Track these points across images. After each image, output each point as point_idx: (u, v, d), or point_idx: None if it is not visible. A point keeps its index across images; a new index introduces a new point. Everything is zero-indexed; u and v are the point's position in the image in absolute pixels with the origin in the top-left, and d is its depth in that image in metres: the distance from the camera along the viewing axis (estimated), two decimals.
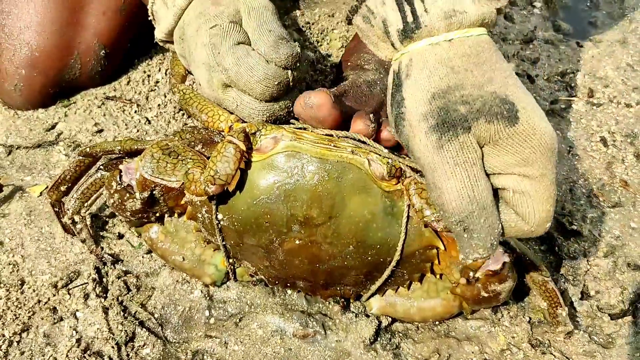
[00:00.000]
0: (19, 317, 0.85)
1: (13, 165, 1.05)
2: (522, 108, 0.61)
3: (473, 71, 0.62)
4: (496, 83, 0.62)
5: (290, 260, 0.79)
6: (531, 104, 0.63)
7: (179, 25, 0.85)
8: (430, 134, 0.62)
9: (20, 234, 0.95)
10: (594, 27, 1.38)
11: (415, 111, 0.64)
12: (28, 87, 1.09)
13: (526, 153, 0.61)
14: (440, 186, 0.63)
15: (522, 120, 0.61)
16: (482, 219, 0.63)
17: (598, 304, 0.91)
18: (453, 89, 0.62)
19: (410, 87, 0.65)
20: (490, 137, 0.61)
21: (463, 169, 0.61)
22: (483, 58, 0.63)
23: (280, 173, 0.73)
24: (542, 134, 0.61)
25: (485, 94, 0.62)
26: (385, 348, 0.86)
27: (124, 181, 0.80)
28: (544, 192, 0.63)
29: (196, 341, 0.86)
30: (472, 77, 0.62)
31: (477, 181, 0.62)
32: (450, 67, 0.63)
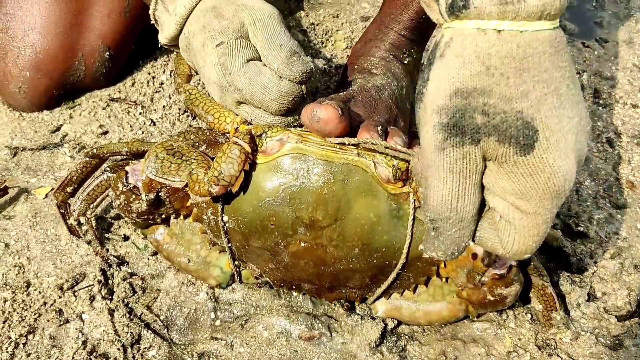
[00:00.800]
0: (25, 319, 0.85)
1: (18, 167, 1.06)
2: (544, 138, 0.55)
3: (509, 78, 0.54)
4: (529, 100, 0.55)
5: (295, 262, 0.78)
6: (559, 136, 0.55)
7: (184, 33, 0.84)
8: (437, 131, 0.58)
9: (25, 236, 0.96)
10: (600, 27, 1.37)
11: (434, 99, 0.58)
12: (33, 89, 1.10)
13: (527, 187, 0.57)
14: (429, 183, 0.60)
15: (535, 153, 0.55)
16: (454, 229, 0.61)
17: (605, 305, 0.90)
18: (479, 92, 0.55)
19: (439, 70, 0.58)
20: (497, 157, 0.57)
21: (456, 179, 0.58)
22: (529, 64, 0.55)
23: (286, 175, 0.73)
24: (552, 174, 0.55)
25: (509, 110, 0.55)
26: (391, 350, 0.86)
27: (130, 182, 0.80)
28: (532, 229, 0.59)
29: (202, 343, 0.86)
30: (505, 86, 0.55)
31: (465, 194, 0.59)
32: (487, 66, 0.55)
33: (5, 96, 1.12)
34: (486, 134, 0.56)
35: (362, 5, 1.35)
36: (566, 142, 0.56)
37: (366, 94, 0.84)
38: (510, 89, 0.55)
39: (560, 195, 0.57)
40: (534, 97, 0.55)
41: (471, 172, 0.58)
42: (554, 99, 0.55)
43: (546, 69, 0.55)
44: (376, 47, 0.98)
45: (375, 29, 1.03)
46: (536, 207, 0.57)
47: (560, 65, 0.56)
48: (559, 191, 0.56)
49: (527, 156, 0.55)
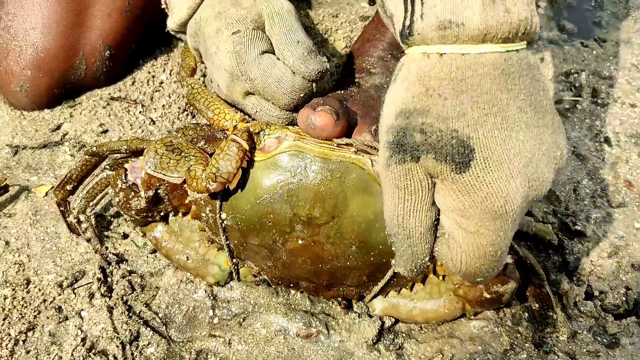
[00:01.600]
0: (24, 316, 0.86)
1: (19, 166, 1.06)
2: (482, 158, 0.55)
3: (447, 99, 0.55)
4: (466, 120, 0.55)
5: (293, 260, 0.79)
6: (502, 157, 0.55)
7: (194, 19, 0.84)
8: (385, 149, 0.60)
9: (26, 233, 0.96)
10: (599, 27, 1.37)
11: (385, 120, 0.61)
12: (34, 87, 1.10)
13: (465, 205, 0.57)
14: (384, 196, 0.63)
15: (472, 171, 0.55)
16: (404, 245, 0.62)
17: (602, 304, 0.90)
18: (419, 112, 0.56)
19: (391, 93, 0.61)
20: (437, 174, 0.57)
21: (401, 195, 0.59)
22: (467, 85, 0.55)
23: (284, 172, 0.73)
24: (490, 194, 0.55)
25: (445, 129, 0.55)
26: (388, 348, 0.86)
27: (130, 180, 0.80)
28: (477, 250, 0.59)
29: (200, 340, 0.87)
30: (442, 106, 0.55)
31: (411, 211, 0.60)
32: (426, 87, 0.56)
33: (7, 95, 1.13)
34: (424, 151, 0.56)
35: (362, 5, 1.36)
36: (511, 164, 0.55)
37: (364, 93, 0.85)
38: (447, 109, 0.55)
39: (503, 217, 0.57)
40: (471, 118, 0.55)
41: (416, 189, 0.59)
42: (496, 120, 0.55)
43: (487, 90, 0.55)
44: (374, 46, 0.99)
45: (373, 28, 1.03)
46: (477, 226, 0.58)
47: (509, 87, 0.55)
48: (498, 212, 0.56)
49: (463, 174, 0.55)
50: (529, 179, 0.57)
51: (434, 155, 0.56)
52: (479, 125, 0.55)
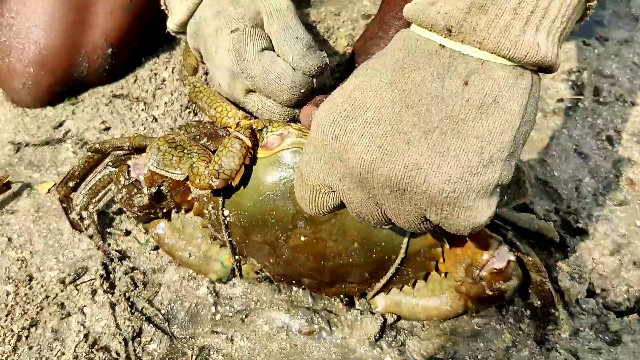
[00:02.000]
0: (27, 312, 0.86)
1: (21, 163, 1.06)
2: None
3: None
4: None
5: (295, 257, 0.79)
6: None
7: (193, 19, 0.84)
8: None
9: (28, 230, 0.96)
10: (601, 26, 1.37)
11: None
12: (36, 85, 1.10)
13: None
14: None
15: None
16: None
17: (604, 301, 0.91)
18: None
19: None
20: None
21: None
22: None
23: (286, 169, 0.73)
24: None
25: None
26: (390, 345, 0.86)
27: (132, 176, 0.80)
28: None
29: (202, 337, 0.87)
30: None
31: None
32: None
33: (9, 92, 1.13)
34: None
35: (364, 3, 1.36)
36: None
37: None
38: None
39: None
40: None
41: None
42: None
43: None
44: (377, 45, 0.99)
45: (375, 27, 1.04)
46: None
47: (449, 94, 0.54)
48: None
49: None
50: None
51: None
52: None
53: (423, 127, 0.52)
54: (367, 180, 0.54)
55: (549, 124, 1.14)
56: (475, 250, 0.76)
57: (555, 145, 1.10)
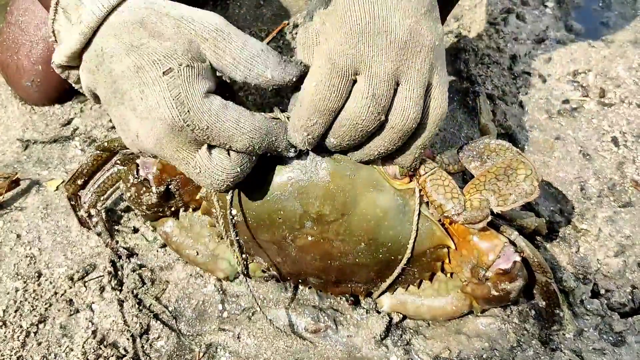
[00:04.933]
0: (36, 308, 0.87)
1: (30, 160, 1.07)
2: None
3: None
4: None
5: (302, 256, 0.80)
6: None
7: (93, 50, 0.66)
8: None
9: (37, 227, 0.97)
10: (606, 28, 1.37)
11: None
12: (44, 82, 1.11)
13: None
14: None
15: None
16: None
17: (608, 302, 0.91)
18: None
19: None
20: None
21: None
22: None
23: (294, 170, 0.74)
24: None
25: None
26: (396, 344, 0.87)
27: (141, 175, 0.81)
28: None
29: (210, 334, 0.88)
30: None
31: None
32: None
33: (18, 90, 1.13)
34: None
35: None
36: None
37: None
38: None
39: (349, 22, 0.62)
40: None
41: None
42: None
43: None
44: None
45: None
46: (327, 35, 0.64)
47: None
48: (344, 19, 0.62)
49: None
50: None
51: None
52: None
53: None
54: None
55: (554, 125, 1.14)
56: (481, 250, 0.76)
57: (560, 147, 1.11)
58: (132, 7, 0.65)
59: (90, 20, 0.64)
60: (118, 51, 0.64)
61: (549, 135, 1.12)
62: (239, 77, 0.66)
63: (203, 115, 0.62)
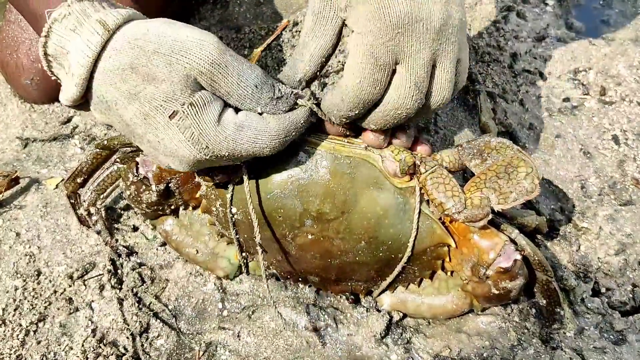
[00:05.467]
0: (35, 307, 0.87)
1: (29, 158, 1.07)
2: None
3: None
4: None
5: (302, 254, 0.79)
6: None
7: (95, 97, 0.65)
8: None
9: (36, 225, 0.97)
10: (607, 25, 1.37)
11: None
12: (44, 81, 1.11)
13: (362, 12, 0.65)
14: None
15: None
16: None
17: (609, 301, 0.91)
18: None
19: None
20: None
21: (314, 19, 0.69)
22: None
23: (295, 168, 0.74)
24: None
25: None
26: (396, 342, 0.87)
27: (141, 173, 0.81)
28: (364, 52, 0.64)
29: (209, 333, 0.88)
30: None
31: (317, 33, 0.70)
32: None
33: (17, 88, 1.13)
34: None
35: None
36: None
37: None
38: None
39: (386, 18, 0.63)
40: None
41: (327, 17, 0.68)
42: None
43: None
44: None
45: None
46: (365, 26, 0.64)
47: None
48: (382, 11, 0.62)
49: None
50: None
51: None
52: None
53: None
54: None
55: (554, 123, 1.14)
56: (482, 249, 0.76)
57: (560, 145, 1.11)
58: (118, 49, 0.62)
59: (80, 73, 0.63)
60: (120, 99, 0.64)
61: (549, 133, 1.12)
62: (234, 104, 0.66)
63: (221, 145, 0.63)
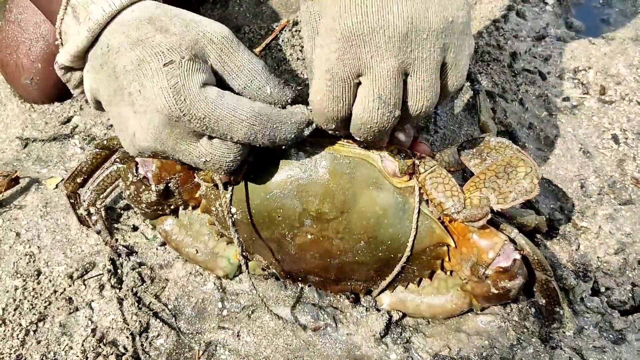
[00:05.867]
0: (35, 306, 0.87)
1: (29, 158, 1.07)
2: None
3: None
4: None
5: (302, 254, 0.80)
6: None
7: (99, 47, 0.66)
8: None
9: (36, 225, 0.97)
10: (607, 25, 1.37)
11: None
12: (44, 80, 1.11)
13: (322, 24, 0.63)
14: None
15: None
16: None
17: (608, 300, 0.91)
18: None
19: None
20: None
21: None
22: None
23: (294, 168, 0.74)
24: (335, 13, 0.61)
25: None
26: (395, 342, 0.87)
27: (140, 173, 0.81)
28: (324, 62, 0.62)
29: (209, 332, 0.88)
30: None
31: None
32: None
33: (17, 88, 1.13)
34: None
35: None
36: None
37: None
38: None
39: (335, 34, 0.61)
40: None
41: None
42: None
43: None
44: None
45: None
46: (322, 40, 0.63)
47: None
48: (332, 27, 0.61)
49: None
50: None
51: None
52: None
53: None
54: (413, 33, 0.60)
55: (554, 123, 1.14)
56: (481, 248, 0.76)
57: (560, 144, 1.11)
58: (144, 6, 0.66)
59: (99, 17, 0.65)
60: (124, 46, 0.64)
61: (549, 132, 1.12)
62: (238, 86, 0.66)
63: (200, 103, 0.62)
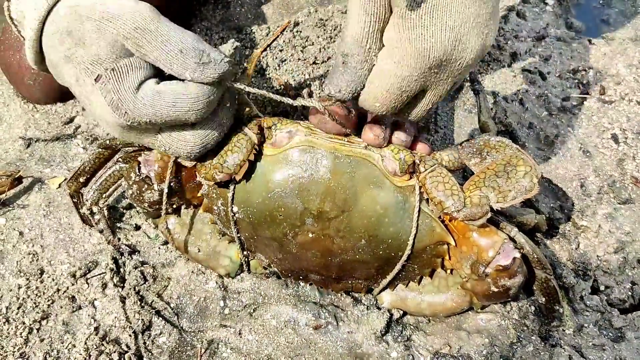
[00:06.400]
0: (38, 305, 0.88)
1: (32, 158, 1.08)
2: (432, 5, 0.62)
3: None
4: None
5: (303, 253, 0.80)
6: (445, 7, 0.62)
7: (49, 60, 0.69)
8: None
9: (39, 224, 0.98)
10: (607, 25, 1.38)
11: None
12: (46, 81, 1.11)
13: (402, 38, 0.63)
14: (348, 20, 0.66)
15: (418, 11, 0.63)
16: (358, 66, 0.66)
17: (608, 298, 0.91)
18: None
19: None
20: (397, 4, 0.63)
21: (367, 19, 0.64)
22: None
23: (295, 167, 0.74)
24: (422, 36, 0.63)
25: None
26: (396, 340, 0.87)
27: (143, 172, 0.81)
28: (388, 77, 0.65)
29: (211, 330, 0.88)
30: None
31: (371, 36, 0.65)
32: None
33: (20, 88, 1.14)
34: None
35: None
36: (450, 18, 0.62)
37: None
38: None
39: (425, 60, 0.63)
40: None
41: (379, 17, 0.64)
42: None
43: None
44: None
45: None
46: (401, 58, 0.63)
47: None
48: (423, 53, 0.62)
49: (412, 12, 0.62)
50: (458, 39, 0.63)
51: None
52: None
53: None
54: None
55: (554, 122, 1.14)
56: (481, 247, 0.77)
57: (560, 144, 1.11)
58: (60, 14, 0.65)
59: (31, 35, 0.67)
60: (60, 61, 0.66)
61: (549, 132, 1.13)
62: (167, 71, 0.66)
63: (140, 110, 0.64)
